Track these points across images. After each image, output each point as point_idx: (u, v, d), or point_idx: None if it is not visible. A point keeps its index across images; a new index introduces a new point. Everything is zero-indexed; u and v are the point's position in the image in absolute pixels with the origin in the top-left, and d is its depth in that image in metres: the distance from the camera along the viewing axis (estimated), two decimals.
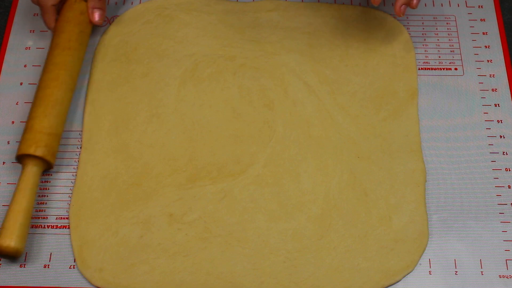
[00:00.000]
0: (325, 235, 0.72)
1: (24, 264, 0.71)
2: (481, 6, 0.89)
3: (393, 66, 0.83)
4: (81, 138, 0.78)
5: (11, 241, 0.69)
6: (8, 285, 0.70)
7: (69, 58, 0.79)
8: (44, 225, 0.74)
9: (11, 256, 0.70)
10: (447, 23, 0.88)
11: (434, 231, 0.73)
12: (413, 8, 0.79)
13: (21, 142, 0.74)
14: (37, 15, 0.88)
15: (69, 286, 0.70)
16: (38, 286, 0.70)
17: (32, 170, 0.73)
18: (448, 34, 0.87)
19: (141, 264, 0.71)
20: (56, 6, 0.82)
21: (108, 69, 0.83)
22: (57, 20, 0.82)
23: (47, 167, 0.75)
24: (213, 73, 0.83)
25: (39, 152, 0.73)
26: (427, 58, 0.85)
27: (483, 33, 0.87)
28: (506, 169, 0.77)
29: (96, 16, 0.82)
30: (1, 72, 0.84)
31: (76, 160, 0.77)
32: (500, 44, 0.86)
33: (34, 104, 0.76)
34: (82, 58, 0.81)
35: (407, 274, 0.71)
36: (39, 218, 0.74)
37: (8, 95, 0.82)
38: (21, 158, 0.74)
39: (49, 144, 0.74)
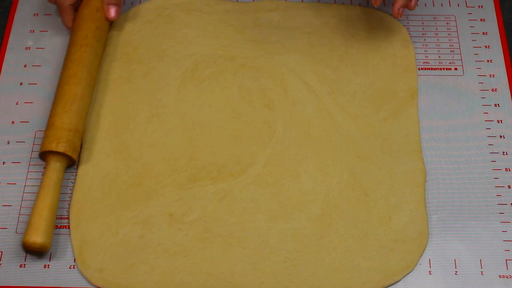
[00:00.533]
0: (325, 235, 0.72)
1: (24, 264, 0.71)
2: (481, 6, 0.89)
3: (393, 66, 0.83)
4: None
5: (37, 237, 0.69)
6: (8, 285, 0.70)
7: (87, 54, 0.79)
8: None
9: (38, 252, 0.70)
10: (447, 23, 0.88)
11: (434, 231, 0.73)
12: (411, 9, 0.79)
13: (43, 140, 0.74)
14: (37, 15, 0.88)
15: (69, 286, 0.70)
16: (38, 286, 0.70)
17: (55, 166, 0.73)
18: (448, 34, 0.87)
19: (141, 264, 0.71)
20: (73, 6, 0.83)
21: (109, 69, 0.83)
22: (74, 19, 0.83)
23: (70, 163, 0.75)
24: (213, 73, 0.83)
25: (60, 148, 0.73)
26: (427, 58, 0.85)
27: (483, 33, 0.87)
28: (506, 169, 0.77)
29: (112, 12, 0.83)
30: (1, 72, 0.84)
31: (77, 160, 0.77)
32: (500, 44, 0.86)
33: (54, 101, 0.77)
34: (100, 54, 0.82)
35: (407, 274, 0.71)
36: None
37: (8, 95, 0.82)
38: (44, 155, 0.74)
39: (71, 139, 0.74)
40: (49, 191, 0.71)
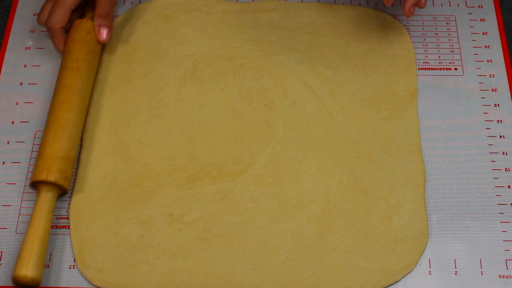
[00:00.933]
0: (325, 235, 0.72)
1: None
2: (481, 6, 0.89)
3: (393, 66, 0.83)
4: (81, 138, 0.78)
5: (27, 271, 0.67)
6: (8, 285, 0.70)
7: (78, 79, 0.77)
8: None
9: (28, 286, 0.68)
10: (447, 23, 0.88)
11: (434, 231, 0.73)
12: (421, 7, 0.79)
13: (33, 169, 0.72)
14: (37, 15, 0.88)
15: (69, 286, 0.70)
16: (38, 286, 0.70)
17: (46, 196, 0.71)
18: (448, 34, 0.87)
19: (141, 264, 0.71)
20: (64, 28, 0.81)
21: (109, 69, 0.83)
22: (65, 41, 0.81)
23: (62, 192, 0.73)
24: (213, 73, 0.83)
25: (51, 177, 0.71)
26: (427, 58, 0.85)
27: (483, 33, 0.87)
28: (506, 169, 0.77)
29: (104, 34, 0.80)
30: (1, 72, 0.84)
31: (76, 160, 0.77)
32: (500, 44, 0.86)
33: (45, 128, 0.75)
34: (92, 77, 0.80)
35: (407, 274, 0.71)
36: None
37: (8, 95, 0.82)
38: (35, 185, 0.72)
39: (61, 168, 0.72)
40: (40, 223, 0.69)
